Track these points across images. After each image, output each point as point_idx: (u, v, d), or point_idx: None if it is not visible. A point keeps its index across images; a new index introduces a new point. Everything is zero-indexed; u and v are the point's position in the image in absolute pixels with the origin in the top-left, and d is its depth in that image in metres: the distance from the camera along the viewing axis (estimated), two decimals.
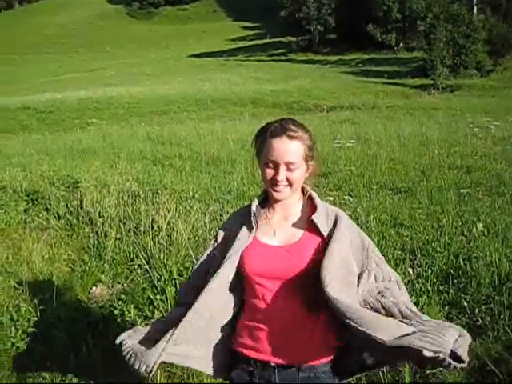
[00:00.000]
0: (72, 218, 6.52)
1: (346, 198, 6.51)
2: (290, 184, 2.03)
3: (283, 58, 59.44)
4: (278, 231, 2.09)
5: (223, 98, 29.21)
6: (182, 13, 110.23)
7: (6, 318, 4.26)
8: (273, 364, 2.07)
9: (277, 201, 2.10)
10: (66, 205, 6.90)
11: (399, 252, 4.79)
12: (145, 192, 6.98)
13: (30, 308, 4.46)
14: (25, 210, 6.94)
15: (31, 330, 4.17)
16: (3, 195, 7.43)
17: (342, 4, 60.54)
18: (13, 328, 4.15)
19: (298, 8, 63.66)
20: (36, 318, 4.31)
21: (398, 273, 4.18)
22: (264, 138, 2.04)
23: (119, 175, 8.10)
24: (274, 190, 2.04)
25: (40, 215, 6.74)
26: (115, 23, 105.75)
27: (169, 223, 5.50)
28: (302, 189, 2.18)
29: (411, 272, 4.38)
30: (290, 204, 2.13)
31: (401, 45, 56.94)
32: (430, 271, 4.39)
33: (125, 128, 17.70)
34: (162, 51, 75.72)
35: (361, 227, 5.32)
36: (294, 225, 2.10)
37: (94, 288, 4.73)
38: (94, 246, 5.65)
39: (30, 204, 7.14)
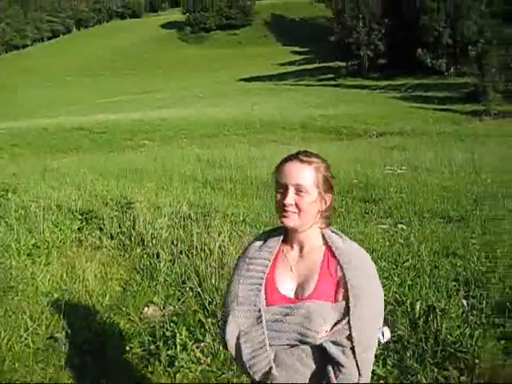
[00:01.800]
0: (125, 238, 6.64)
1: (400, 226, 6.44)
2: (299, 210, 1.97)
3: (332, 82, 59.64)
4: (294, 268, 2.05)
5: (273, 122, 29.38)
6: (233, 37, 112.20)
7: (61, 335, 4.36)
8: None
9: (292, 233, 2.07)
10: (119, 225, 7.02)
11: (453, 283, 4.71)
12: (196, 214, 7.06)
13: (83, 326, 4.56)
14: (79, 229, 7.09)
15: (84, 347, 4.25)
16: (59, 214, 7.63)
17: (393, 29, 60.46)
18: (67, 344, 4.24)
19: (348, 33, 63.90)
20: (89, 336, 4.39)
21: (452, 304, 4.15)
22: (279, 166, 2.04)
23: (171, 197, 8.23)
24: (283, 216, 1.99)
25: (93, 234, 6.87)
26: (168, 47, 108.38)
27: (220, 246, 5.54)
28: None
29: (465, 303, 4.29)
30: (307, 239, 2.07)
31: (451, 70, 56.42)
32: (484, 303, 4.29)
33: (176, 150, 17.97)
34: (213, 75, 77.01)
35: (413, 257, 5.27)
36: (309, 263, 2.04)
37: (146, 309, 4.79)
38: (146, 267, 5.74)
39: (84, 223, 7.29)
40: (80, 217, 7.47)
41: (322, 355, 1.95)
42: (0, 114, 48.14)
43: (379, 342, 2.03)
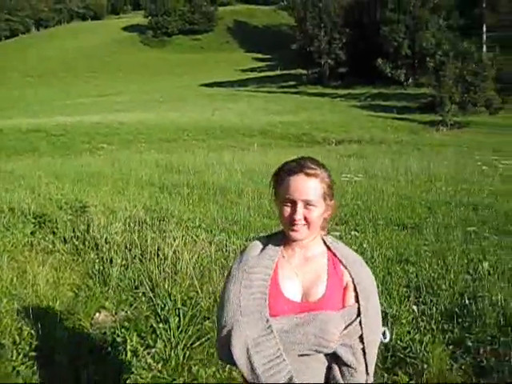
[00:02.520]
0: (78, 242, 6.53)
1: (353, 233, 6.51)
2: (308, 223, 1.96)
3: (293, 90, 60.01)
4: (299, 273, 2.03)
5: (233, 127, 29.39)
6: (195, 42, 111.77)
7: (8, 341, 4.24)
8: None
9: (295, 241, 2.04)
10: (73, 229, 6.91)
11: (404, 289, 4.77)
12: (152, 219, 6.99)
13: (32, 332, 4.44)
14: (32, 233, 6.94)
15: (33, 354, 4.14)
16: (11, 217, 7.45)
17: (353, 39, 61.29)
18: (14, 351, 4.12)
19: (310, 42, 64.46)
20: (38, 343, 4.29)
21: (402, 310, 4.21)
22: (281, 176, 2.01)
23: (127, 201, 8.13)
24: (292, 230, 1.97)
25: (46, 238, 6.74)
26: (130, 50, 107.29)
27: (174, 252, 5.49)
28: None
29: (416, 309, 4.36)
30: (310, 245, 2.07)
31: (410, 80, 57.50)
32: (434, 309, 4.37)
33: (134, 154, 17.81)
34: (174, 79, 76.57)
35: (366, 262, 5.33)
36: (315, 268, 2.04)
37: (97, 314, 4.71)
38: (99, 272, 5.65)
39: (37, 227, 7.15)
40: (33, 220, 7.32)
41: (332, 359, 1.96)
42: None
43: (381, 342, 2.06)
